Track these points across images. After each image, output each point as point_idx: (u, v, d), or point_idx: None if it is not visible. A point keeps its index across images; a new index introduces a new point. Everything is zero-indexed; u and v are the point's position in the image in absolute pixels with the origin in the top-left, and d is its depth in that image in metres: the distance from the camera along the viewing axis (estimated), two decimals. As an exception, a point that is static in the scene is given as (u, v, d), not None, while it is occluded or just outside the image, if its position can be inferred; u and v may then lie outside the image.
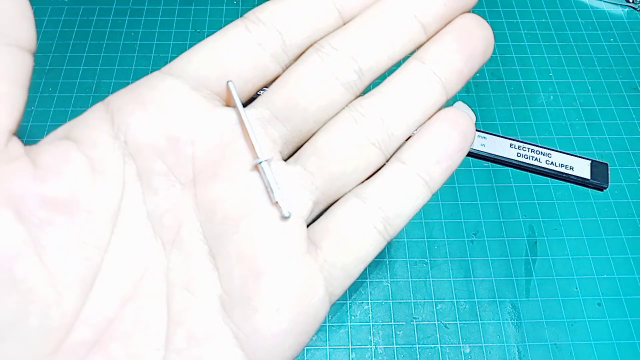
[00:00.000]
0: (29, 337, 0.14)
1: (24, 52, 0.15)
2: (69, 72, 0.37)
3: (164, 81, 0.17)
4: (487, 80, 0.37)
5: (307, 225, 0.18)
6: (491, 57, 0.39)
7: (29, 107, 0.35)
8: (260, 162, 0.17)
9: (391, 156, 0.19)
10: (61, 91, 0.36)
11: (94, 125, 0.16)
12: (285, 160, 0.19)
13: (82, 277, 0.15)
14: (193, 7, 0.41)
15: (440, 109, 0.19)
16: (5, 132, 0.14)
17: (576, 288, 0.30)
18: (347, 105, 0.19)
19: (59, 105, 0.35)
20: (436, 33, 0.19)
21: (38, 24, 0.39)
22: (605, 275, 0.30)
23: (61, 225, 0.15)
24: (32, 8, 0.15)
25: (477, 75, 0.38)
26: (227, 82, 0.18)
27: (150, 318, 0.15)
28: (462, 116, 0.19)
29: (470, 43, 0.19)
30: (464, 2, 0.19)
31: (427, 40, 0.19)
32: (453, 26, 0.19)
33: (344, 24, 0.19)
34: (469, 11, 0.19)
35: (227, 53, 0.18)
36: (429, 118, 0.19)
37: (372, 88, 0.19)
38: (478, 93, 0.37)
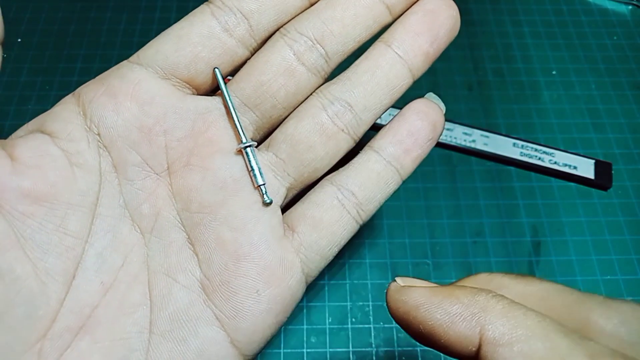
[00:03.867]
0: (16, 326, 0.14)
1: None
2: (66, 70, 0.36)
3: (133, 71, 0.18)
4: (490, 79, 0.37)
5: (283, 211, 0.19)
6: (494, 55, 0.38)
7: (25, 105, 0.34)
8: (246, 147, 0.18)
9: (360, 140, 0.19)
10: (58, 89, 0.35)
11: (67, 118, 0.17)
12: (257, 146, 0.19)
13: (64, 267, 0.15)
14: (191, 4, 0.40)
15: (412, 100, 0.19)
16: None
17: (580, 289, 0.29)
18: (315, 91, 0.19)
19: (56, 103, 0.35)
20: (402, 14, 0.19)
21: (34, 22, 0.38)
22: (609, 277, 0.30)
23: (42, 218, 0.15)
24: (29, 5, 0.15)
25: (480, 73, 0.37)
26: (214, 68, 0.18)
27: (133, 303, 0.16)
28: (432, 107, 0.19)
29: (436, 23, 0.18)
30: None
31: (394, 21, 0.19)
32: (418, 6, 0.19)
33: (311, 4, 0.19)
34: None
35: (194, 40, 0.18)
36: (402, 108, 0.19)
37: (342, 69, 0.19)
38: (481, 91, 0.36)
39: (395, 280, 0.15)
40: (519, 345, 0.12)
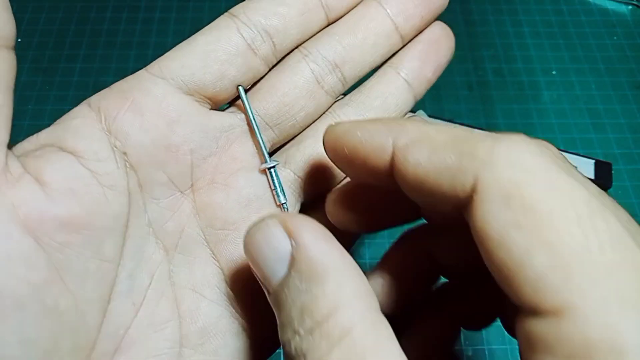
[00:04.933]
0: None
1: (10, 50, 0.14)
2: (66, 70, 0.36)
3: (158, 86, 0.17)
4: (490, 79, 0.37)
5: None
6: (494, 55, 0.38)
7: (25, 105, 0.34)
8: (272, 167, 0.18)
9: None
10: (58, 89, 0.35)
11: (91, 135, 0.16)
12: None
13: (101, 293, 0.15)
14: (191, 4, 0.40)
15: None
16: (3, 147, 0.14)
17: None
18: (329, 110, 0.19)
19: (56, 103, 0.35)
20: (410, 40, 0.20)
21: (34, 22, 0.38)
22: (609, 277, 0.30)
23: (79, 246, 0.15)
24: (29, 5, 0.15)
25: (480, 73, 0.37)
26: (238, 86, 0.18)
27: (162, 320, 0.16)
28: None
29: (438, 54, 0.20)
30: (435, 14, 0.20)
31: (402, 47, 0.20)
32: (424, 36, 0.20)
33: (329, 23, 0.19)
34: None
35: (222, 58, 0.17)
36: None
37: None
38: (481, 91, 0.36)
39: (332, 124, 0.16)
40: (425, 144, 0.13)
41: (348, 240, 0.19)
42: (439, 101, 0.36)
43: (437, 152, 0.13)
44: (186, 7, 0.40)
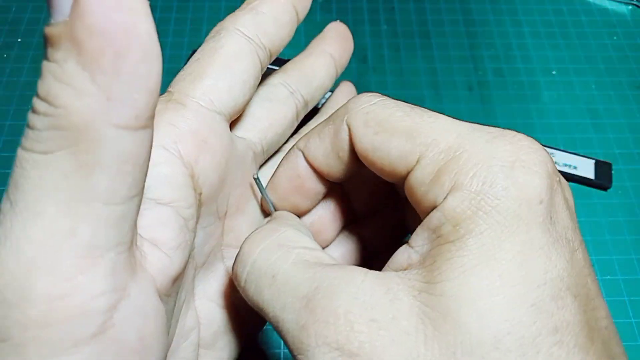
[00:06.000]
0: None
1: (149, 129, 0.12)
2: (66, 70, 0.36)
3: (217, 122, 0.18)
4: (490, 79, 0.37)
5: None
6: (494, 55, 0.38)
7: (25, 105, 0.34)
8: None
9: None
10: (58, 89, 0.35)
11: (181, 184, 0.16)
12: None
13: (171, 324, 0.16)
14: (191, 4, 0.40)
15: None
16: (137, 226, 0.13)
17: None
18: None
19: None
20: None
21: (34, 22, 0.38)
22: (608, 277, 0.30)
23: (174, 292, 0.16)
24: (29, 5, 0.14)
25: (480, 73, 0.37)
26: (254, 177, 0.20)
27: (188, 329, 0.18)
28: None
29: (352, 90, 0.27)
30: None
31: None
32: (349, 89, 0.26)
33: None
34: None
35: (252, 84, 0.19)
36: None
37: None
38: (481, 91, 0.36)
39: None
40: (314, 131, 0.19)
41: None
42: (439, 101, 0.36)
43: (323, 130, 0.18)
44: (186, 7, 0.40)
